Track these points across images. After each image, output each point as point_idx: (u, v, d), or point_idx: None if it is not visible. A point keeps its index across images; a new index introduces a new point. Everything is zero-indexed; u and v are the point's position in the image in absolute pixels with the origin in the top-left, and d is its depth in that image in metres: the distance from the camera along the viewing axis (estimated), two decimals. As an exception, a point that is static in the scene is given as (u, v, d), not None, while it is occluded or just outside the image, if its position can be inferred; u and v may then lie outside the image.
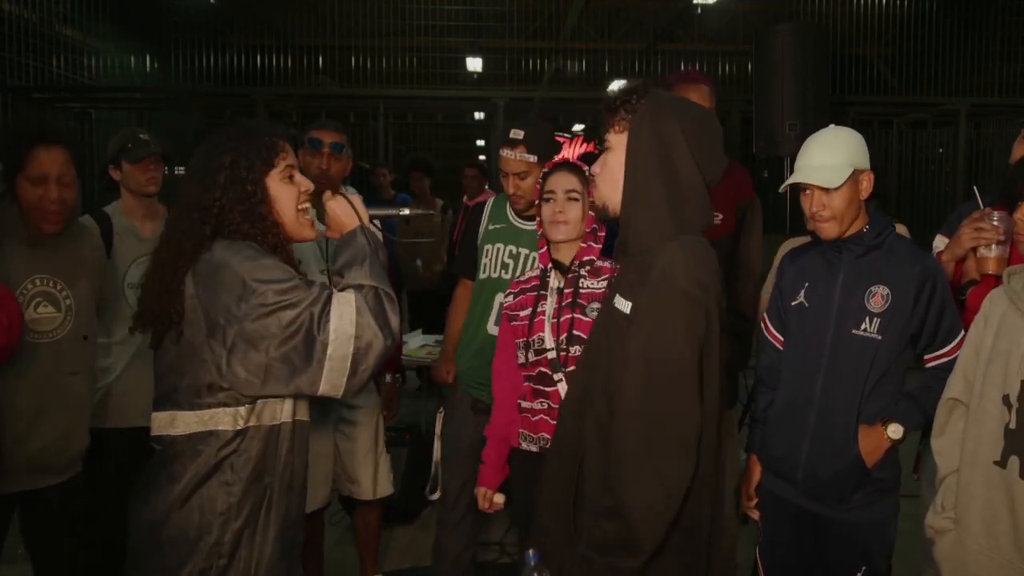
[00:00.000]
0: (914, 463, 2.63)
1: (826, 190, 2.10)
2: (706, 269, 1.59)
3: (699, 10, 10.22)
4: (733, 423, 2.83)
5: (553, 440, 1.89)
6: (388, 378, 3.23)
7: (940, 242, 2.57)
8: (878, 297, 2.12)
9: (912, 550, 2.35)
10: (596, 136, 1.77)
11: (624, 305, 1.64)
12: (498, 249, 2.80)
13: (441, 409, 2.92)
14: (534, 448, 2.32)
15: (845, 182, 2.09)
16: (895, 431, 2.11)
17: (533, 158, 2.67)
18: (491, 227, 2.84)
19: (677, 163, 1.61)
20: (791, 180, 2.15)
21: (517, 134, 2.70)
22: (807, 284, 2.24)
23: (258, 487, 1.66)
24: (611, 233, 2.15)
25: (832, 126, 2.22)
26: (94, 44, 8.37)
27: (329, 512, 3.27)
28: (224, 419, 1.63)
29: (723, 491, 1.70)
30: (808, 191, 2.13)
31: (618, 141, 1.66)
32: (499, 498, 2.49)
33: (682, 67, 8.99)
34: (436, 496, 2.90)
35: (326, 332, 1.53)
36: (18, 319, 2.12)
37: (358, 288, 1.61)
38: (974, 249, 2.29)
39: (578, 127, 10.10)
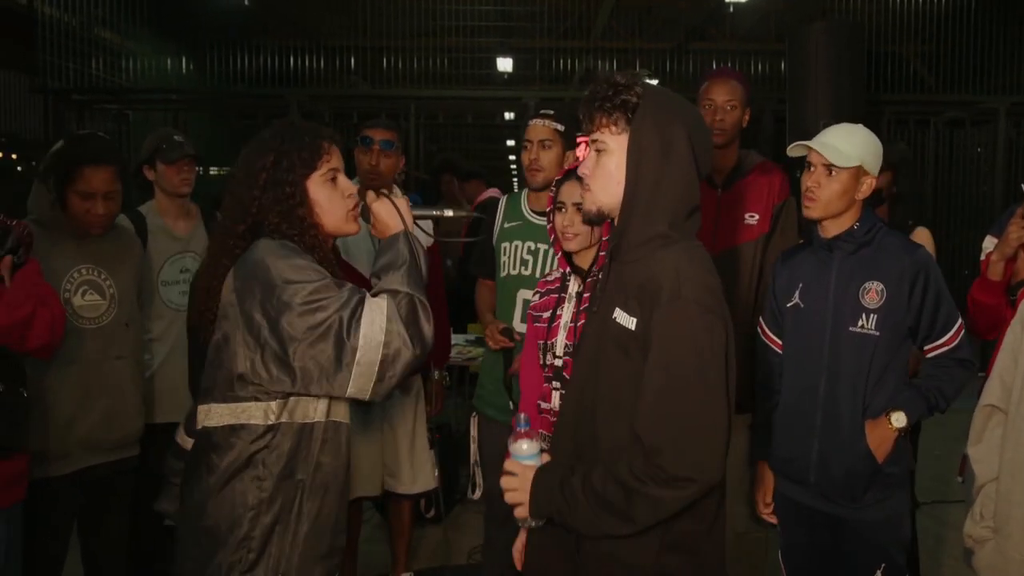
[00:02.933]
0: (960, 466, 2.60)
1: (828, 172, 2.12)
2: (712, 275, 1.56)
3: (731, 8, 10.12)
4: (743, 426, 2.84)
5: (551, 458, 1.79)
6: (436, 374, 3.27)
7: (989, 243, 2.56)
8: (872, 293, 2.14)
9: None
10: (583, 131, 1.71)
11: (627, 320, 1.56)
12: (516, 247, 2.84)
13: (475, 413, 2.95)
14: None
15: (847, 170, 2.11)
16: (898, 419, 2.12)
17: (560, 127, 2.76)
18: (507, 225, 2.89)
19: (680, 163, 1.57)
20: (799, 143, 2.19)
21: (547, 111, 2.82)
22: (801, 285, 2.26)
23: (289, 484, 1.68)
24: (585, 221, 2.14)
25: (862, 125, 2.24)
26: (132, 47, 8.51)
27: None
28: (255, 413, 1.66)
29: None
30: (812, 168, 2.16)
31: (617, 143, 1.59)
32: None
33: (714, 66, 8.91)
34: (476, 496, 2.95)
35: (356, 338, 1.54)
36: (61, 317, 2.20)
37: (392, 294, 1.61)
38: (1023, 247, 2.29)
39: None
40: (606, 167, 1.61)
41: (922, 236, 2.85)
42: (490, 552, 2.94)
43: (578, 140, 2.75)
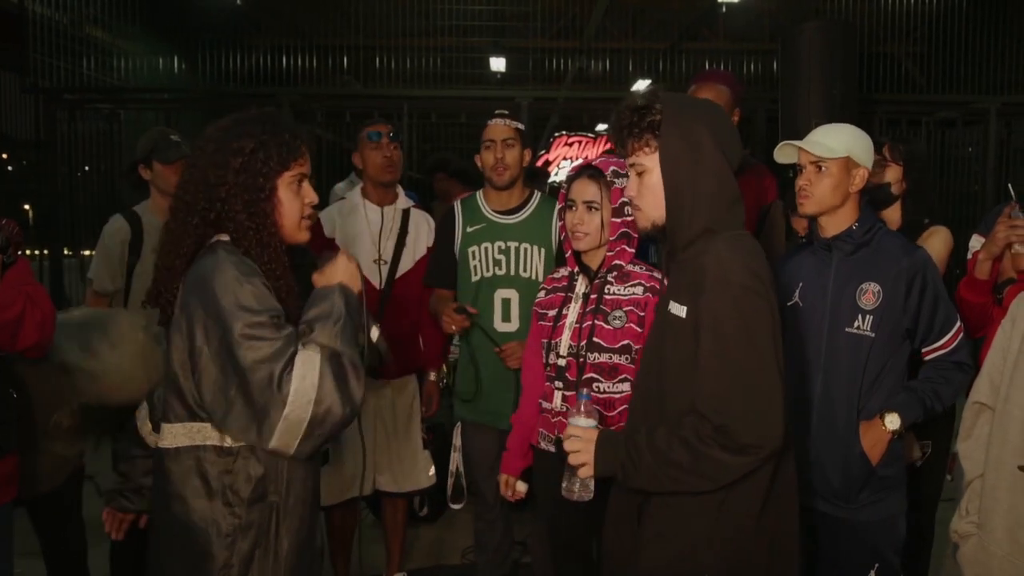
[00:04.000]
0: (949, 463, 2.61)
1: (818, 168, 2.13)
2: (756, 259, 1.63)
3: (724, 8, 10.14)
4: None
5: None
6: (432, 375, 3.27)
7: (976, 241, 2.57)
8: (869, 294, 2.15)
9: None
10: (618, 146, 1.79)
11: (679, 310, 1.66)
12: (485, 248, 2.84)
13: (458, 423, 2.95)
14: (551, 448, 2.33)
15: (836, 162, 2.12)
16: (892, 421, 2.13)
17: (520, 125, 2.83)
18: (469, 229, 2.88)
19: (710, 162, 1.66)
20: (785, 143, 2.22)
21: (502, 111, 2.89)
22: (800, 284, 2.27)
23: (263, 506, 1.63)
24: (643, 238, 2.19)
25: (848, 123, 2.25)
26: (123, 46, 8.47)
27: (352, 509, 3.30)
28: (211, 434, 1.60)
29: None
30: (803, 169, 2.18)
31: (653, 161, 1.70)
32: (521, 486, 2.50)
33: (706, 66, 8.91)
34: (459, 506, 2.95)
35: (285, 392, 1.49)
36: (51, 316, 2.18)
37: (323, 349, 1.54)
38: (1010, 246, 2.29)
39: (602, 127, 10.07)
40: (649, 185, 1.72)
41: (939, 236, 2.74)
42: (482, 552, 2.95)
43: (582, 138, 2.84)
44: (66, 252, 7.23)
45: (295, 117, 7.35)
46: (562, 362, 2.29)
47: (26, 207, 10.48)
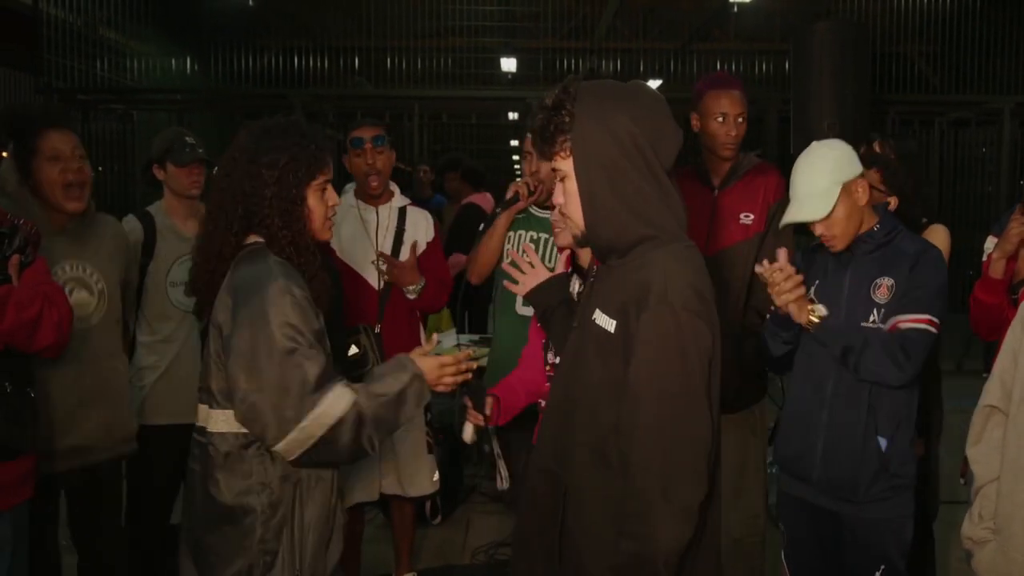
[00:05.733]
0: (962, 466, 2.60)
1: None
2: (702, 277, 1.54)
3: (735, 8, 10.12)
4: (758, 421, 2.85)
5: (531, 462, 1.79)
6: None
7: (991, 243, 2.56)
8: (883, 288, 2.16)
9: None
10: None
11: (606, 322, 1.55)
12: (519, 236, 2.93)
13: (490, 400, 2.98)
14: None
15: (837, 202, 2.10)
16: (819, 310, 2.11)
17: None
18: (517, 216, 2.97)
19: (634, 159, 1.52)
20: (785, 221, 2.21)
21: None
22: (817, 282, 2.26)
23: (288, 484, 1.75)
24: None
25: (814, 144, 2.22)
26: (136, 47, 8.54)
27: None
28: None
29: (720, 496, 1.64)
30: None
31: (569, 166, 1.56)
32: (467, 431, 2.25)
33: (718, 66, 8.90)
34: (505, 486, 2.96)
35: (310, 407, 1.64)
36: (68, 315, 2.18)
37: (358, 399, 1.69)
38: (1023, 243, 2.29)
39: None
40: (572, 192, 1.58)
41: (938, 233, 2.73)
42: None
43: (527, 150, 2.85)
44: (79, 252, 7.28)
45: (306, 118, 7.39)
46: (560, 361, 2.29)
47: (40, 207, 10.55)
